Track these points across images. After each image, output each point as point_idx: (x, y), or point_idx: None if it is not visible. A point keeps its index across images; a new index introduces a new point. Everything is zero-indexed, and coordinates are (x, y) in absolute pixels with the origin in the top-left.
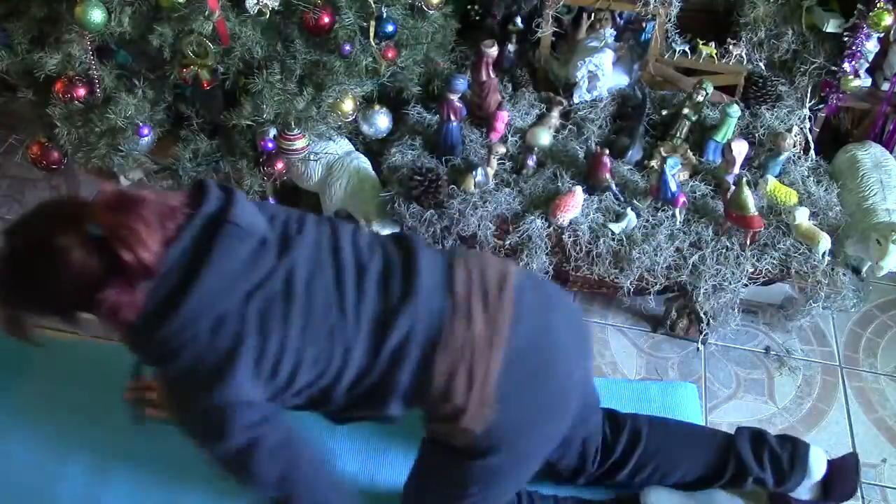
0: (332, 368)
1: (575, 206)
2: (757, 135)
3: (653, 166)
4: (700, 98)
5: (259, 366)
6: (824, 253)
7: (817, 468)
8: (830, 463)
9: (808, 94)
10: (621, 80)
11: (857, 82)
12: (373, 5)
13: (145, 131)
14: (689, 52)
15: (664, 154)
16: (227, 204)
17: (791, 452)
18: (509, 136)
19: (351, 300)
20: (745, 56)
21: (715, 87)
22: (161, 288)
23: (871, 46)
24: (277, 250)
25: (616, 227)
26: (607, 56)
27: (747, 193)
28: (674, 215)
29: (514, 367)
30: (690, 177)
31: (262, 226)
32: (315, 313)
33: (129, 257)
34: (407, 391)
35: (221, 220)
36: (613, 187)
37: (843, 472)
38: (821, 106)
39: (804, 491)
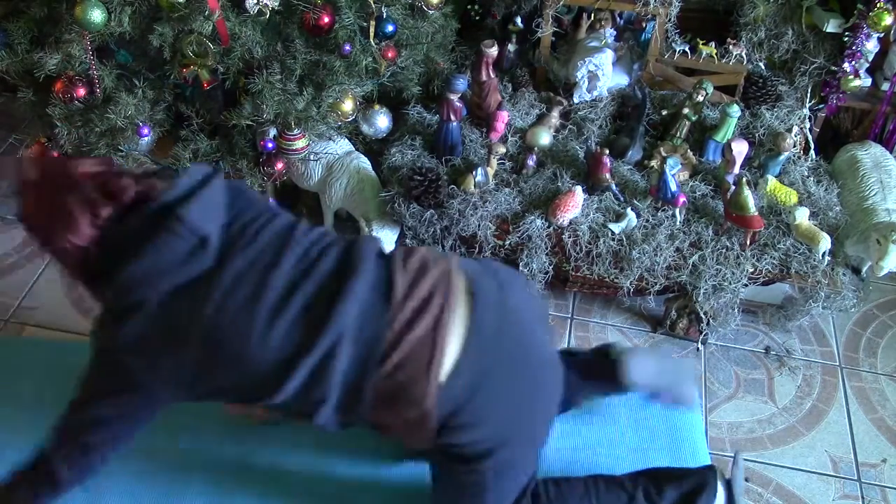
0: (232, 386)
1: (575, 206)
2: (757, 135)
3: (653, 166)
4: (700, 98)
5: (156, 363)
6: (824, 253)
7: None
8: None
9: (808, 94)
10: (621, 80)
11: (857, 82)
12: (373, 5)
13: (145, 131)
14: (689, 52)
15: (664, 154)
16: (188, 195)
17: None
18: (509, 136)
19: (259, 327)
20: (745, 56)
21: (715, 87)
22: (104, 257)
23: (871, 46)
24: (218, 255)
25: (616, 227)
26: (607, 56)
27: (747, 193)
28: (674, 215)
29: (489, 363)
30: (690, 177)
31: (211, 226)
32: (221, 330)
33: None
34: (336, 408)
35: (170, 212)
36: (613, 187)
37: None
38: (821, 106)
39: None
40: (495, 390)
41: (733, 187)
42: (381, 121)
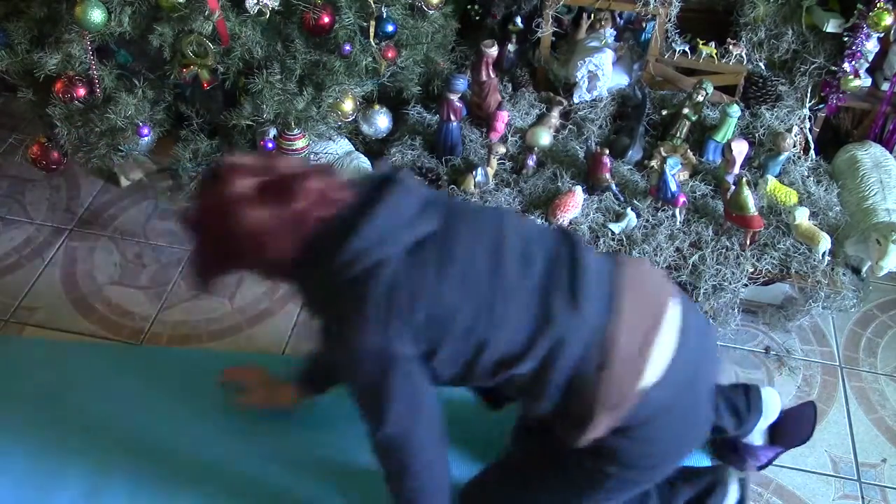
0: (474, 345)
1: (575, 206)
2: (757, 135)
3: (653, 166)
4: (700, 98)
5: (407, 320)
6: (824, 253)
7: (772, 407)
8: (786, 409)
9: (808, 94)
10: (621, 80)
11: (857, 82)
12: (373, 5)
13: (145, 131)
14: (689, 52)
15: (664, 154)
16: (396, 171)
17: (745, 394)
18: (509, 136)
19: (512, 278)
20: (745, 56)
21: (715, 87)
22: (333, 226)
23: (871, 46)
24: (442, 214)
25: (616, 227)
26: (607, 56)
27: (747, 193)
28: (674, 215)
29: (672, 400)
30: (690, 177)
31: (427, 193)
32: (472, 279)
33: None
34: (553, 395)
35: (391, 179)
36: (613, 187)
37: (799, 419)
38: (821, 106)
39: (757, 435)
40: (675, 418)
41: (733, 187)
42: (381, 121)
